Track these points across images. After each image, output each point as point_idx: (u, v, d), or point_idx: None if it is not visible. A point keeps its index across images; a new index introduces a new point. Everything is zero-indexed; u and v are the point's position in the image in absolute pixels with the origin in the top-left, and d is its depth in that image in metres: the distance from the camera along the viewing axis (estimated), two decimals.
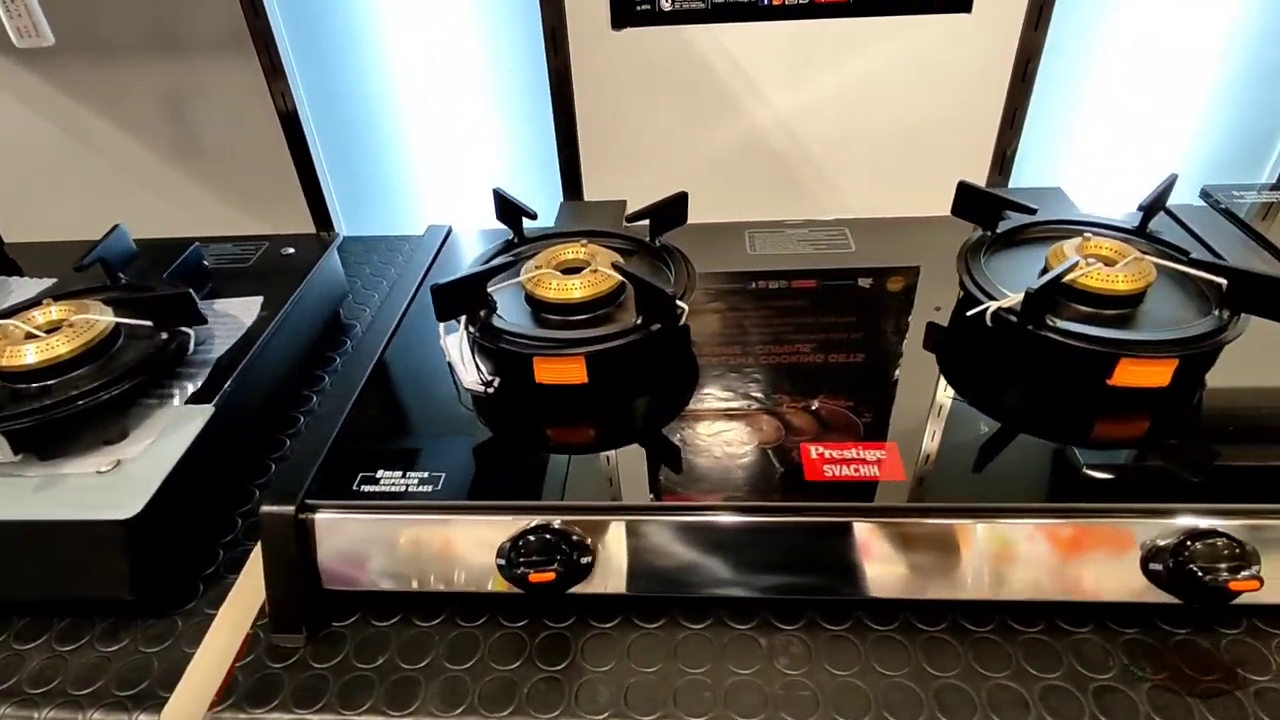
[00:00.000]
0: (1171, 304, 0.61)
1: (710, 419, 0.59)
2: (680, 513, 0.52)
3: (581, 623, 0.54)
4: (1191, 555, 0.48)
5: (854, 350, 0.65)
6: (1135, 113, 0.97)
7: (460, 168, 1.07)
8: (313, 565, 0.55)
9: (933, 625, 0.52)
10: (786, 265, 0.77)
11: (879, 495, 0.52)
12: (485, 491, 0.55)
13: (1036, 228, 0.69)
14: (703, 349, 0.67)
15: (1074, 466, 0.55)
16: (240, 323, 0.72)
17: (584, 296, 0.63)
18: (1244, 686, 0.48)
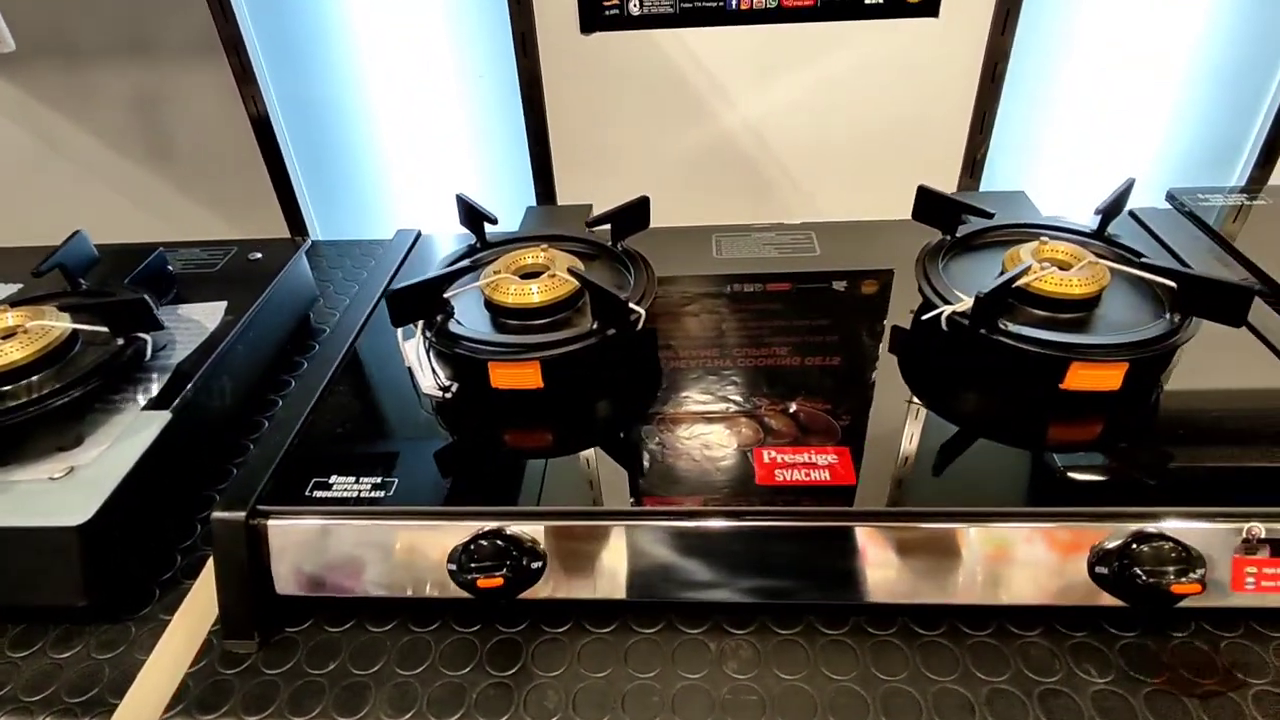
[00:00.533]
0: (1128, 308, 0.61)
1: (669, 424, 0.59)
2: (631, 518, 0.52)
3: (533, 628, 0.54)
4: (1136, 558, 0.48)
5: (817, 353, 0.65)
6: (1106, 115, 0.98)
7: (436, 172, 1.08)
8: (266, 571, 0.55)
9: (883, 629, 0.52)
10: (751, 269, 0.77)
11: (829, 500, 0.52)
12: (438, 497, 0.55)
13: (995, 232, 0.69)
14: (664, 352, 0.67)
15: (1027, 470, 0.55)
16: (203, 328, 0.72)
17: (542, 301, 0.63)
18: (1189, 690, 0.48)
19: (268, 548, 0.54)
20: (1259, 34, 0.91)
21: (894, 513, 0.51)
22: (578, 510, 0.53)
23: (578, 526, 0.53)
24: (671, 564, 0.52)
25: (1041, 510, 0.51)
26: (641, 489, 0.55)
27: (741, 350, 0.67)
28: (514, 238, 0.73)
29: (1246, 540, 0.49)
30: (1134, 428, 0.57)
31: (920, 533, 0.51)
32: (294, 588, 0.55)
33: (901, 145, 0.98)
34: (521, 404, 0.61)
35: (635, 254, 0.69)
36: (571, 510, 0.53)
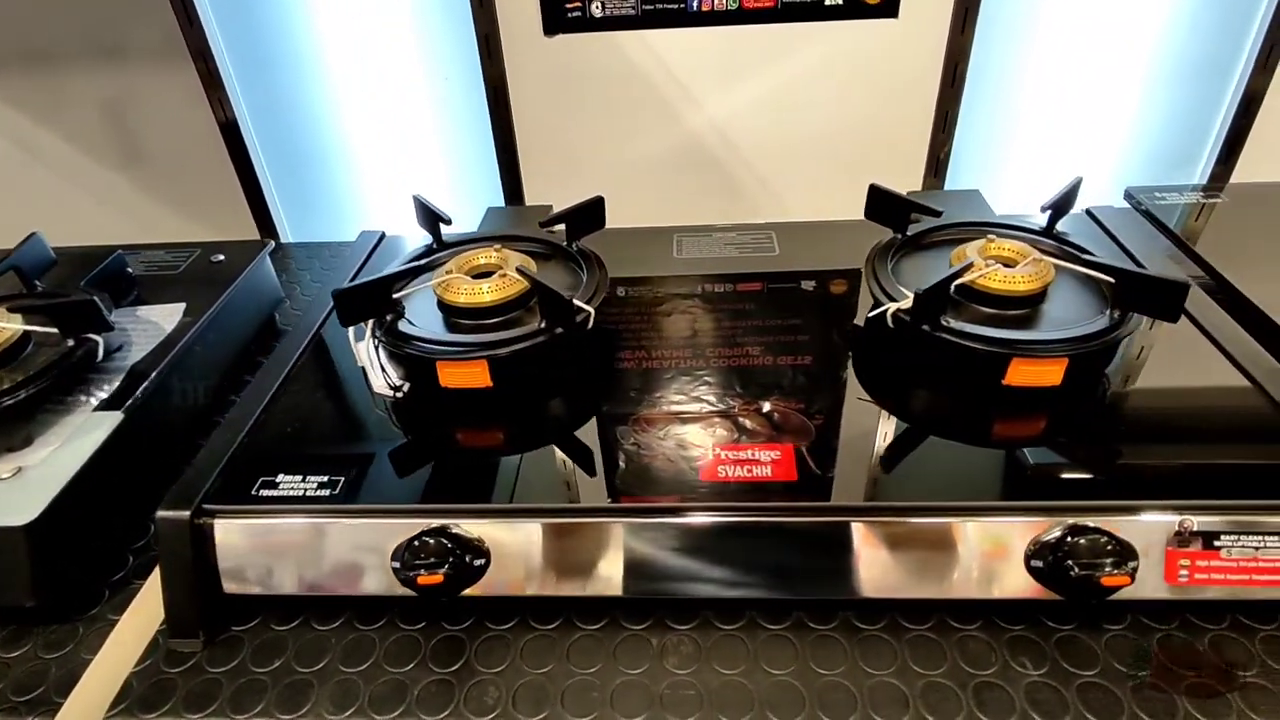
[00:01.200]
0: (1073, 305, 0.62)
1: (618, 422, 0.60)
2: (574, 515, 0.53)
3: (478, 625, 0.55)
4: (1070, 552, 0.49)
5: (773, 352, 0.66)
6: (1069, 114, 0.98)
7: (406, 174, 1.08)
8: (212, 570, 0.55)
9: (823, 624, 0.53)
10: (709, 269, 0.78)
11: (771, 496, 0.52)
12: (384, 496, 0.55)
13: (945, 230, 0.70)
14: (618, 351, 0.67)
15: (971, 466, 0.55)
16: (161, 329, 0.72)
17: (492, 301, 0.63)
18: (1121, 682, 0.48)
19: (214, 547, 0.55)
20: (1219, 31, 0.91)
21: (831, 508, 0.51)
22: (521, 508, 0.53)
23: (521, 524, 0.53)
24: (614, 561, 0.53)
25: (979, 505, 0.51)
26: (587, 487, 0.55)
27: (696, 349, 0.67)
28: (469, 238, 0.73)
29: (1179, 533, 0.49)
30: (1076, 423, 0.57)
31: (859, 528, 0.51)
32: (241, 586, 0.56)
33: (867, 145, 0.98)
34: (471, 403, 0.61)
35: (589, 253, 0.70)
36: (515, 508, 0.54)
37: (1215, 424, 0.56)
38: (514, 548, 0.53)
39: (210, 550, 0.55)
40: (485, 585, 0.53)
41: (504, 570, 0.53)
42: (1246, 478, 0.52)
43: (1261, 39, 0.89)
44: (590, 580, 0.53)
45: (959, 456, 0.56)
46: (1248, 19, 0.89)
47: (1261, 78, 0.91)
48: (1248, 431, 0.55)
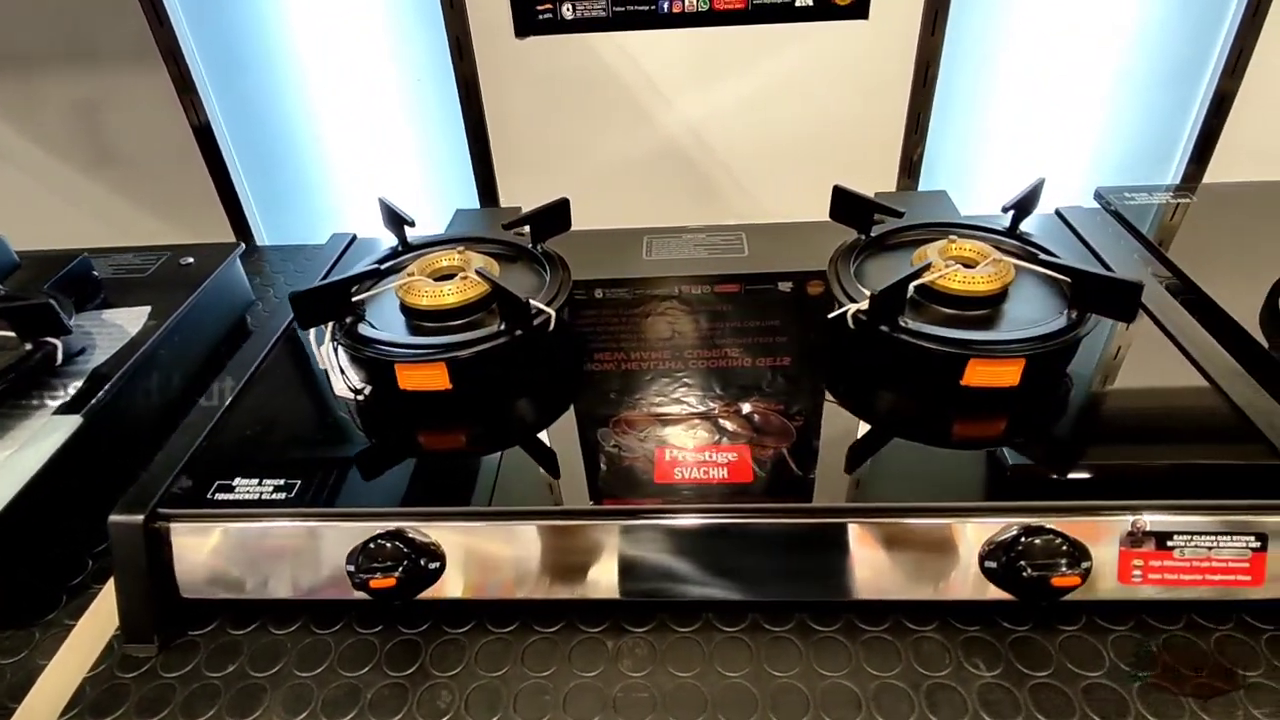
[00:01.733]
0: (1034, 305, 0.62)
1: (580, 424, 0.60)
2: (529, 518, 0.53)
3: (434, 629, 0.54)
4: (1023, 552, 0.49)
5: (738, 353, 0.66)
6: (1043, 115, 0.99)
7: (382, 176, 1.08)
8: (169, 574, 0.55)
9: (779, 626, 0.53)
10: (678, 270, 0.78)
11: (726, 498, 0.52)
12: (341, 498, 0.55)
13: (908, 231, 0.70)
14: (582, 352, 0.67)
15: (930, 467, 0.55)
16: (125, 332, 0.72)
17: (454, 303, 0.63)
18: (1073, 682, 0.48)
19: (170, 551, 0.54)
20: (1190, 34, 0.92)
21: (785, 509, 0.51)
22: (478, 511, 0.53)
23: (478, 527, 0.53)
24: (570, 563, 0.53)
25: (935, 506, 0.51)
26: (545, 489, 0.55)
27: (664, 351, 0.67)
28: (434, 240, 0.73)
29: (1132, 533, 0.49)
30: (1034, 423, 0.57)
31: (813, 530, 0.51)
32: (197, 591, 0.55)
33: (841, 146, 0.98)
34: (431, 406, 0.61)
35: (554, 255, 0.70)
36: (472, 511, 0.53)
37: (1173, 424, 0.56)
38: (470, 551, 0.53)
39: (166, 555, 0.54)
40: (442, 589, 0.53)
41: (461, 574, 0.53)
42: (1201, 478, 0.52)
43: (1230, 42, 0.89)
44: (546, 584, 0.53)
45: (919, 458, 0.56)
46: (1217, 22, 0.90)
47: (1231, 80, 0.91)
48: (1204, 432, 0.55)
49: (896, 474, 0.55)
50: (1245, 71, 0.91)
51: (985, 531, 0.50)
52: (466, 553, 0.53)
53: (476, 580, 0.53)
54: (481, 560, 0.53)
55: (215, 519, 0.54)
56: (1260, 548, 0.49)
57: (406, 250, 0.72)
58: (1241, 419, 0.55)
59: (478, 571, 0.53)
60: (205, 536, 0.54)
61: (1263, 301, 0.69)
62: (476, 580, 0.53)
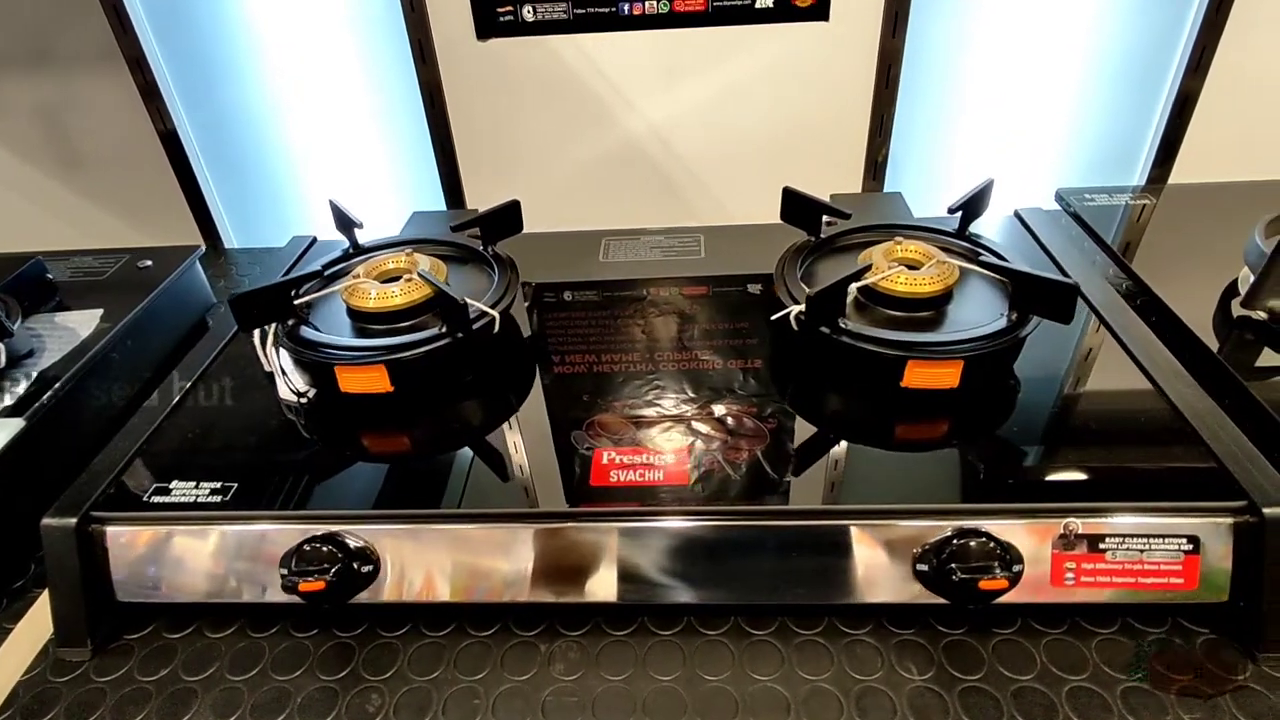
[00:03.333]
0: (979, 307, 0.61)
1: (523, 427, 0.60)
2: (465, 521, 0.52)
3: (369, 632, 0.54)
4: (954, 555, 0.48)
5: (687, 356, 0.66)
6: (1009, 116, 0.98)
7: (352, 180, 1.08)
8: (104, 578, 0.55)
9: (712, 629, 0.52)
10: (632, 273, 0.78)
11: (660, 501, 0.52)
12: (279, 502, 0.55)
13: (857, 233, 0.69)
14: (534, 355, 0.67)
15: (869, 470, 0.55)
16: (76, 335, 0.72)
17: (400, 305, 0.63)
18: (1004, 686, 0.48)
19: (105, 555, 0.54)
20: (1152, 33, 0.91)
21: (719, 511, 0.51)
22: (412, 514, 0.53)
23: (413, 530, 0.53)
24: (505, 567, 0.52)
25: (870, 509, 0.51)
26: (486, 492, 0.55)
27: (615, 353, 0.67)
28: (385, 243, 0.73)
29: (1064, 536, 0.49)
30: (973, 426, 0.57)
31: (749, 532, 0.51)
32: (134, 595, 0.55)
33: (807, 148, 0.98)
34: (373, 408, 0.61)
35: (504, 257, 0.70)
36: (406, 514, 0.53)
37: (1113, 427, 0.56)
38: (406, 555, 0.53)
39: (100, 559, 0.54)
40: (377, 592, 0.53)
41: (396, 578, 0.53)
42: (1135, 480, 0.51)
43: (1193, 41, 0.89)
44: (481, 587, 0.53)
45: (863, 460, 0.56)
46: (1179, 21, 0.90)
47: (1194, 79, 0.91)
48: (1143, 434, 0.55)
49: (841, 477, 0.55)
50: (1209, 70, 0.90)
51: (920, 534, 0.50)
52: (402, 556, 0.53)
53: (412, 584, 0.53)
54: (417, 564, 0.53)
55: (150, 522, 0.54)
56: (1193, 550, 0.49)
57: (358, 253, 0.72)
58: (1180, 421, 0.55)
59: (413, 575, 0.53)
60: (140, 540, 0.54)
61: (1215, 304, 0.68)
62: (412, 584, 0.53)
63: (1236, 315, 0.66)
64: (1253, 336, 0.64)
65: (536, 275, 0.78)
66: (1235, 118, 0.93)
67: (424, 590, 0.53)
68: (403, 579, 0.53)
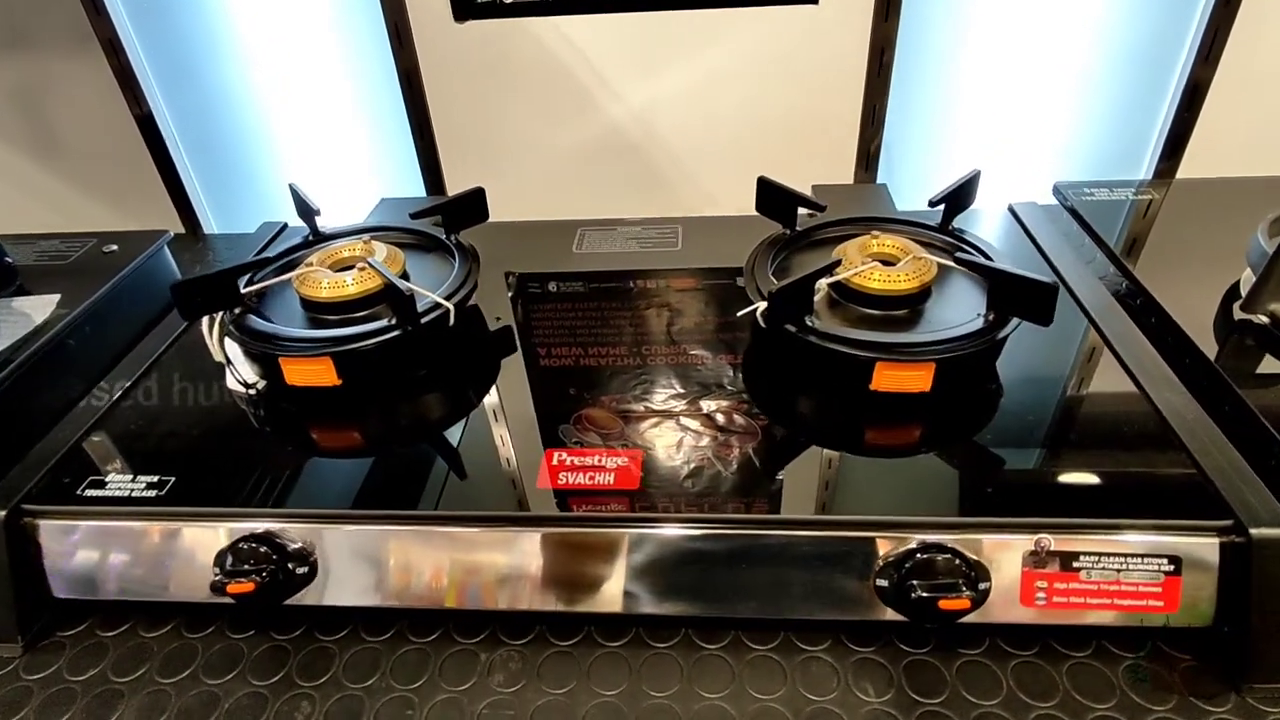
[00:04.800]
0: (957, 306, 0.58)
1: (478, 425, 0.57)
2: (405, 522, 0.50)
3: (306, 635, 0.52)
4: (913, 570, 0.45)
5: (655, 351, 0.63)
6: (1009, 107, 0.94)
7: (332, 165, 1.05)
8: (37, 573, 0.53)
9: (661, 642, 0.50)
10: (605, 265, 0.75)
11: (610, 504, 0.49)
12: (210, 497, 0.53)
13: (833, 226, 0.66)
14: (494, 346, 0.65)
15: (831, 476, 0.52)
16: (30, 320, 0.70)
17: (354, 294, 0.61)
18: (965, 711, 0.45)
19: (38, 549, 0.52)
20: (1163, 15, 0.87)
21: (667, 518, 0.48)
22: (352, 514, 0.51)
23: (353, 530, 0.50)
24: (449, 571, 0.50)
25: (828, 519, 0.48)
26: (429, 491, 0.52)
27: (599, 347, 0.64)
28: (346, 230, 0.71)
29: (1035, 553, 0.46)
30: (946, 432, 0.54)
31: (698, 540, 0.48)
32: (69, 590, 0.53)
33: (796, 138, 0.95)
34: (320, 402, 0.59)
35: (467, 247, 0.67)
36: (346, 514, 0.51)
37: (1095, 436, 0.53)
38: (346, 555, 0.51)
39: (32, 553, 0.52)
40: (314, 593, 0.51)
41: (335, 579, 0.51)
42: (1114, 493, 0.48)
43: (1204, 28, 0.85)
44: (423, 591, 0.50)
45: (830, 466, 0.53)
46: (1189, 6, 0.85)
47: (1205, 69, 0.87)
48: (1126, 446, 0.52)
49: (804, 484, 0.52)
50: (1220, 59, 0.86)
51: (882, 547, 0.47)
52: (342, 558, 0.51)
53: (351, 587, 0.51)
54: (357, 566, 0.51)
55: (82, 516, 0.52)
56: (1174, 571, 0.45)
57: (318, 240, 0.70)
58: (1167, 432, 0.51)
59: (352, 578, 0.51)
60: (74, 534, 0.52)
61: (1216, 307, 0.65)
62: (351, 587, 0.51)
63: (1237, 319, 0.62)
64: (1253, 342, 0.60)
65: (506, 265, 0.75)
66: (1247, 110, 0.89)
67: (363, 593, 0.51)
68: (342, 581, 0.51)
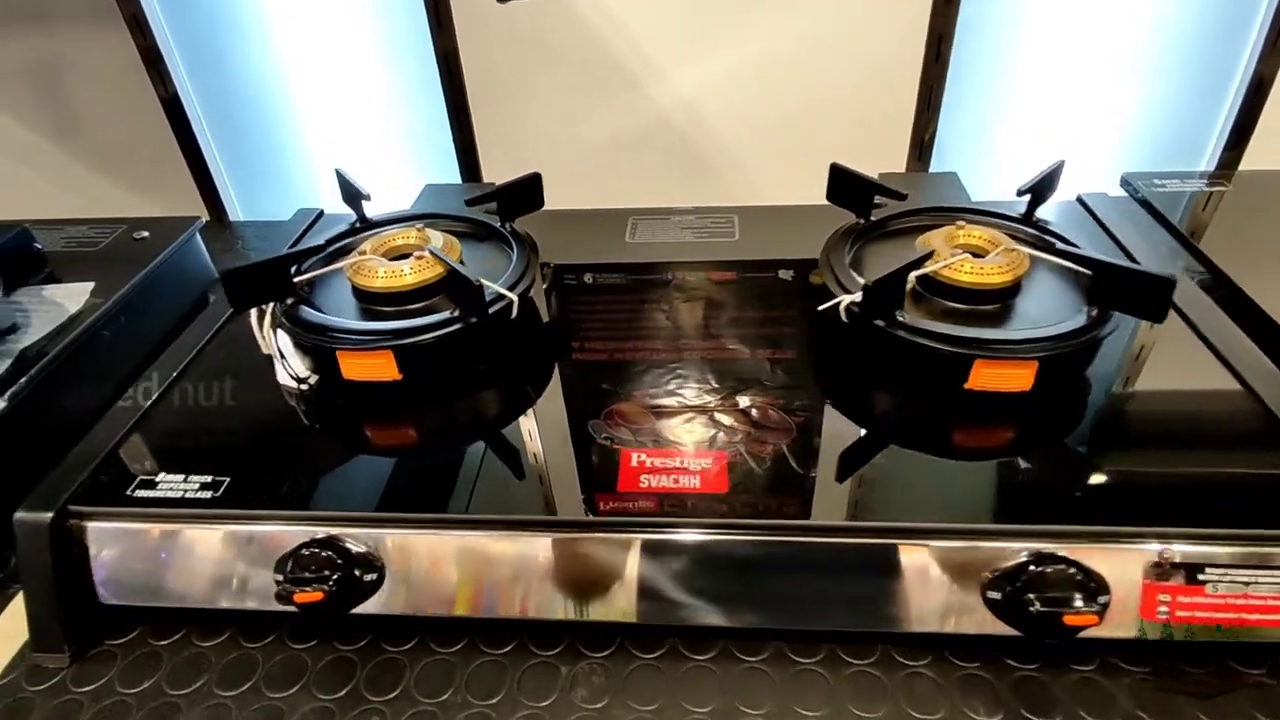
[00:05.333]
0: (1050, 300, 0.55)
1: (542, 422, 0.54)
2: (480, 528, 0.47)
3: (373, 646, 0.49)
4: (1029, 583, 0.43)
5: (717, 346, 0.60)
6: (1067, 95, 0.91)
7: (364, 150, 1.02)
8: (85, 579, 0.50)
9: (752, 655, 0.47)
10: (662, 255, 0.72)
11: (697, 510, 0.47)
12: (275, 499, 0.50)
13: (912, 215, 0.63)
14: (549, 340, 0.62)
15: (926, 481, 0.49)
16: (64, 310, 0.67)
17: (410, 285, 0.57)
18: None
19: (85, 553, 0.49)
20: (1228, 7, 0.84)
21: (763, 526, 0.45)
22: (421, 518, 0.48)
23: (422, 535, 0.47)
24: (524, 578, 0.47)
25: (933, 527, 0.45)
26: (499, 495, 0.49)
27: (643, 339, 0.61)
28: (396, 217, 0.67)
29: (1159, 565, 0.43)
30: (1047, 434, 0.51)
31: (795, 549, 0.45)
32: (117, 597, 0.50)
33: (847, 124, 0.92)
34: (379, 397, 0.56)
35: (523, 235, 0.64)
36: (415, 518, 0.48)
37: (1206, 438, 0.50)
38: (414, 561, 0.48)
39: (80, 557, 0.49)
40: (381, 602, 0.48)
41: (402, 587, 0.48)
42: (1239, 500, 0.45)
43: (1271, 17, 0.82)
44: (498, 600, 0.48)
45: (917, 468, 0.50)
46: None
47: (1272, 59, 0.84)
48: (1241, 446, 0.49)
49: (892, 486, 0.49)
50: None
51: (989, 557, 0.44)
52: (409, 564, 0.48)
53: (420, 595, 0.48)
54: (426, 573, 0.48)
55: (133, 518, 0.49)
56: None
57: (366, 227, 0.67)
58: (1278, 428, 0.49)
59: (422, 585, 0.48)
60: (123, 538, 0.49)
61: None
62: (420, 595, 0.48)
63: None
64: None
65: (557, 256, 0.72)
66: None
67: (433, 602, 0.48)
68: (410, 589, 0.48)
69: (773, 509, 0.46)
